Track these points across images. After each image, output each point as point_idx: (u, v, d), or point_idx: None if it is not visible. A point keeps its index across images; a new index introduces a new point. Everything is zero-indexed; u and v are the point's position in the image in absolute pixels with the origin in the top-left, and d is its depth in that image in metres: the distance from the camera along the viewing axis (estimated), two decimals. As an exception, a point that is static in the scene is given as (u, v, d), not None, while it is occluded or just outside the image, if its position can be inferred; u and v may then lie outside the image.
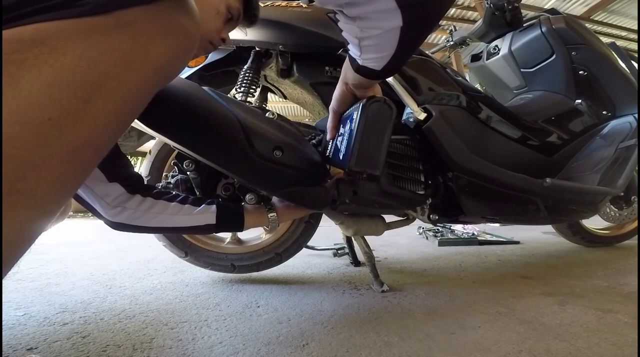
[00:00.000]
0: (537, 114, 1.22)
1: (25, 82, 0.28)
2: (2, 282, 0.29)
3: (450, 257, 1.47)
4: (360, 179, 0.81)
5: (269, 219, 0.78)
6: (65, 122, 0.30)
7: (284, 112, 8.64)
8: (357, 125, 0.57)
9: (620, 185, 1.15)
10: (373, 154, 0.58)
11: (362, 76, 0.53)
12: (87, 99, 0.31)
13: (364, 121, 0.57)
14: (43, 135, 0.29)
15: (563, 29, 1.27)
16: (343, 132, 0.63)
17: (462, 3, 5.32)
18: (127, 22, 0.33)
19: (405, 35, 0.42)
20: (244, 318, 0.79)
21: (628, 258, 1.39)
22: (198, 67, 0.91)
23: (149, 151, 1.04)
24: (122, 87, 0.33)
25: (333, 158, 0.67)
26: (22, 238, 0.32)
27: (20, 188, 0.29)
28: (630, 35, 5.82)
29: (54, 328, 0.72)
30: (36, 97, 0.28)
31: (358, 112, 0.58)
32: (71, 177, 0.33)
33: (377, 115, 0.57)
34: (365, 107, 0.57)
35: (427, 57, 1.00)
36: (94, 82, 0.31)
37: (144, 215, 0.69)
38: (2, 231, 0.29)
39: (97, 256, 1.50)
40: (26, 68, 0.28)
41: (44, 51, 0.29)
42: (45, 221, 0.34)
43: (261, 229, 1.07)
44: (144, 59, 0.34)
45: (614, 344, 0.64)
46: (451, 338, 0.68)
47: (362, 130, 0.57)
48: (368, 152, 0.58)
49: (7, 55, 0.28)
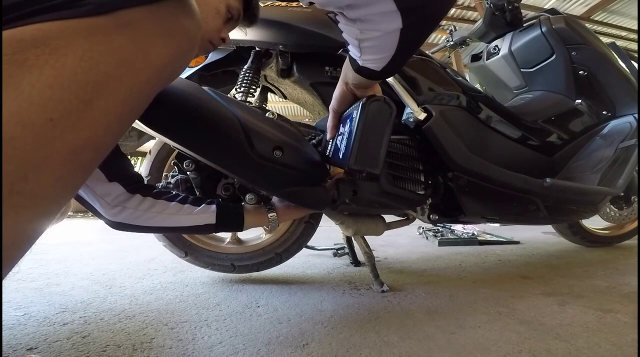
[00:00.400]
0: (537, 114, 1.22)
1: (27, 83, 0.28)
2: (2, 282, 0.29)
3: (450, 257, 1.47)
4: (360, 178, 0.81)
5: (269, 219, 0.78)
6: (67, 122, 0.30)
7: (284, 112, 8.64)
8: (357, 124, 0.57)
9: (620, 185, 1.15)
10: (373, 153, 0.58)
11: (362, 76, 0.53)
12: (88, 100, 0.31)
13: (364, 120, 0.57)
14: (44, 136, 0.29)
15: (563, 29, 1.27)
16: (343, 131, 0.63)
17: (462, 3, 5.32)
18: (128, 23, 0.33)
19: (405, 37, 0.42)
20: (244, 318, 0.79)
21: (628, 258, 1.39)
22: (198, 67, 0.91)
23: (149, 151, 1.04)
24: (123, 88, 0.33)
25: (333, 157, 0.67)
26: (23, 239, 0.32)
27: (21, 189, 0.29)
28: (630, 35, 5.82)
29: (54, 328, 0.72)
30: (37, 98, 0.28)
31: (358, 111, 0.58)
32: (72, 178, 0.33)
33: (376, 114, 0.58)
34: (365, 106, 0.57)
35: (427, 57, 1.00)
36: (95, 82, 0.31)
37: (143, 215, 0.69)
38: (3, 232, 0.29)
39: (97, 256, 1.50)
40: (27, 68, 0.28)
41: (45, 51, 0.29)
42: (46, 222, 0.34)
43: (261, 229, 1.07)
44: (145, 59, 0.34)
45: (614, 344, 0.64)
46: (451, 338, 0.68)
47: (362, 129, 0.57)
48: (368, 150, 0.58)
49: (8, 55, 0.27)
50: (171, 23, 0.36)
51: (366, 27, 0.43)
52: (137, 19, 0.33)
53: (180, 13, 0.37)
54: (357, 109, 0.59)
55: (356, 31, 0.44)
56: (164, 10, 0.35)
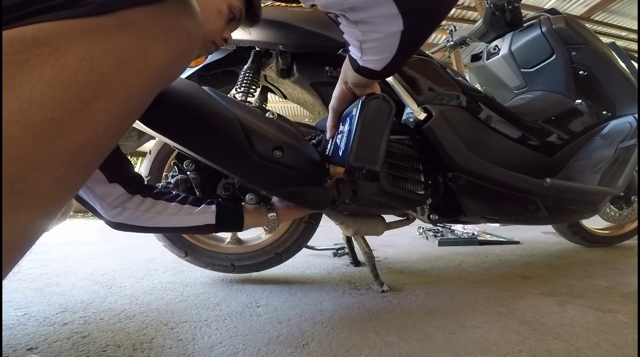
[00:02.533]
0: (537, 114, 1.22)
1: (27, 83, 0.28)
2: (2, 283, 0.29)
3: (450, 257, 1.47)
4: (360, 176, 0.81)
5: (269, 219, 0.78)
6: (67, 123, 0.30)
7: (284, 112, 8.64)
8: (357, 121, 0.57)
9: (620, 185, 1.15)
10: (372, 150, 0.58)
11: (362, 76, 0.54)
12: (88, 100, 0.31)
13: (363, 118, 0.57)
14: (45, 136, 0.29)
15: (563, 29, 1.27)
16: (343, 130, 0.63)
17: (462, 3, 5.32)
18: (128, 23, 0.33)
19: (405, 38, 0.43)
20: (244, 318, 0.79)
21: (628, 258, 1.39)
22: (198, 67, 0.91)
23: (149, 151, 1.04)
24: (124, 88, 0.33)
25: (333, 156, 0.67)
26: (23, 239, 0.32)
27: (21, 189, 0.29)
28: (630, 35, 5.82)
29: (54, 328, 0.72)
30: (38, 98, 0.28)
31: (357, 109, 0.58)
32: (73, 178, 0.33)
33: (376, 112, 0.58)
34: (364, 104, 0.57)
35: (427, 57, 1.00)
36: (96, 82, 0.31)
37: (144, 215, 0.69)
38: (3, 232, 0.28)
39: (97, 256, 1.50)
40: (28, 68, 0.28)
41: (45, 51, 0.29)
42: (46, 222, 0.34)
43: (261, 229, 1.07)
44: (145, 60, 0.34)
45: (614, 344, 0.64)
46: (451, 338, 0.68)
47: (362, 127, 0.57)
48: (367, 147, 0.58)
49: (9, 55, 0.27)
50: (172, 23, 0.36)
51: (368, 29, 0.43)
52: (137, 19, 0.33)
53: (181, 13, 0.36)
54: (356, 107, 0.59)
55: (358, 33, 0.45)
56: (164, 11, 0.35)
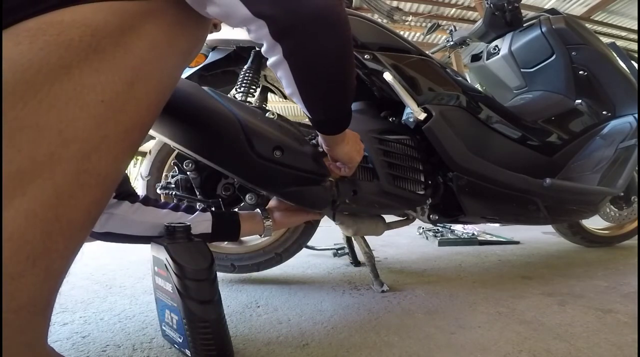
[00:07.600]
0: (537, 114, 1.22)
1: (75, 66, 0.29)
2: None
3: (450, 257, 1.47)
4: (360, 177, 0.81)
5: (265, 227, 0.77)
6: (116, 104, 0.32)
7: (284, 112, 8.64)
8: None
9: (620, 185, 1.15)
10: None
11: (320, 133, 0.57)
12: (130, 82, 0.32)
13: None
14: (99, 117, 0.31)
15: (563, 29, 1.27)
16: None
17: (462, 3, 5.32)
18: (156, 9, 0.34)
19: (293, 67, 0.44)
20: (244, 318, 0.79)
21: (628, 258, 1.39)
22: (198, 67, 0.91)
23: (149, 151, 1.04)
24: (157, 71, 0.35)
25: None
26: (88, 219, 0.33)
27: (86, 167, 0.30)
28: (630, 35, 5.82)
29: (54, 328, 0.72)
30: (87, 80, 0.30)
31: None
32: (125, 158, 0.35)
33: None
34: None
35: (427, 57, 1.00)
36: (133, 66, 0.33)
37: (133, 223, 0.64)
38: (71, 214, 0.30)
39: (97, 255, 1.50)
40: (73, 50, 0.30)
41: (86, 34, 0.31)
42: (104, 204, 0.35)
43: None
44: (171, 45, 0.36)
45: (614, 344, 0.64)
46: (451, 338, 0.68)
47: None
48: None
49: (54, 36, 0.29)
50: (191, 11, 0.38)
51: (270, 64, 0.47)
52: (163, 7, 0.35)
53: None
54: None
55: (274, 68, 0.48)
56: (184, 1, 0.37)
